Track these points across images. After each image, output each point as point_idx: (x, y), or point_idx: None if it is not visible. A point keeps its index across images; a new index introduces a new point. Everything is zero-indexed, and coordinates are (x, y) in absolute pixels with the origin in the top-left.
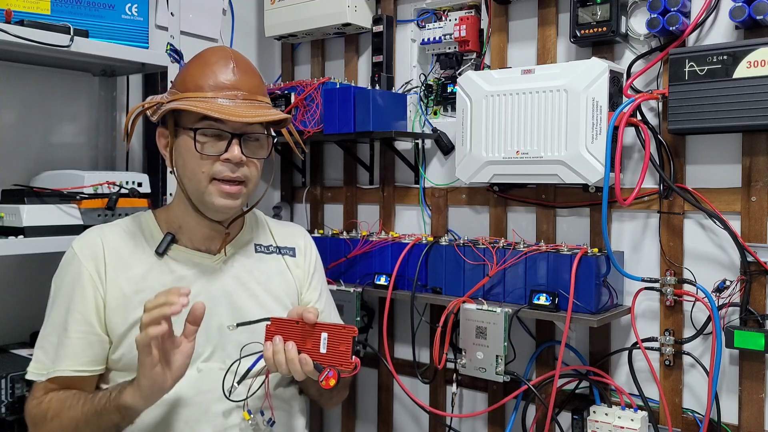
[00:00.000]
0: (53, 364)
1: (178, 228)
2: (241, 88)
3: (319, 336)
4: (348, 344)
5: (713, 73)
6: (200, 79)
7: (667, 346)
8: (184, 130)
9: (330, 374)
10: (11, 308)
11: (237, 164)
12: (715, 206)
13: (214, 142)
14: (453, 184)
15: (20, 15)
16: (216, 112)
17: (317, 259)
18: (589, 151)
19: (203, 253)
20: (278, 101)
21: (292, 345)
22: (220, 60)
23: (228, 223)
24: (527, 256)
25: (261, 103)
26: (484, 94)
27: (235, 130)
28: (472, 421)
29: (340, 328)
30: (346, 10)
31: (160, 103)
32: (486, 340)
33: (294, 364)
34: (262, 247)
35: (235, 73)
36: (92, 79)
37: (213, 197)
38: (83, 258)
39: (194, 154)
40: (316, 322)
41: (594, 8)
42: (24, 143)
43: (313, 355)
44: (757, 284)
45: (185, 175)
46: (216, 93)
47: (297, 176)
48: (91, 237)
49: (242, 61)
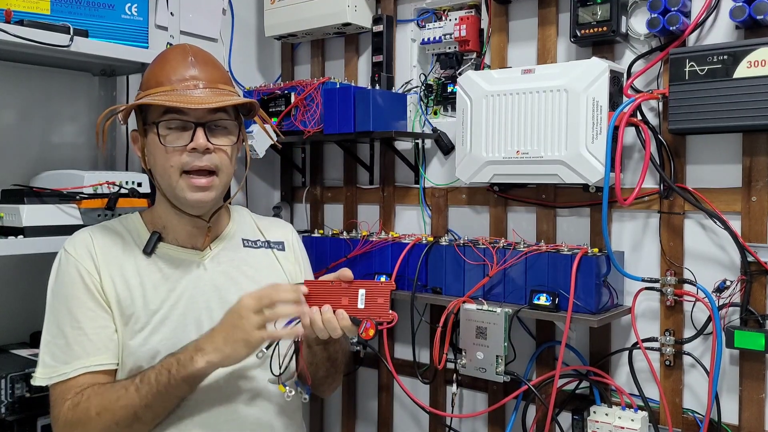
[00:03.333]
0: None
1: (163, 227)
2: (202, 78)
3: (356, 292)
4: (386, 297)
5: (713, 73)
6: (160, 75)
7: (668, 346)
8: (150, 127)
9: (368, 325)
10: (11, 308)
11: (204, 153)
12: (715, 206)
13: (179, 134)
14: (453, 184)
15: (20, 15)
16: (175, 102)
17: (304, 253)
18: (590, 151)
19: (190, 250)
20: (278, 101)
21: (328, 306)
22: (177, 55)
23: (209, 217)
24: (527, 256)
25: (223, 90)
26: (484, 94)
27: (198, 119)
28: (472, 422)
29: (377, 283)
30: (346, 10)
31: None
32: (486, 340)
33: (331, 323)
34: (249, 241)
35: (193, 65)
36: (92, 79)
37: (184, 192)
38: (77, 256)
39: (161, 149)
40: (353, 280)
41: (594, 8)
42: (24, 143)
43: (350, 311)
44: (757, 284)
45: (157, 173)
46: (174, 85)
47: (297, 176)
48: (81, 237)
49: (201, 54)
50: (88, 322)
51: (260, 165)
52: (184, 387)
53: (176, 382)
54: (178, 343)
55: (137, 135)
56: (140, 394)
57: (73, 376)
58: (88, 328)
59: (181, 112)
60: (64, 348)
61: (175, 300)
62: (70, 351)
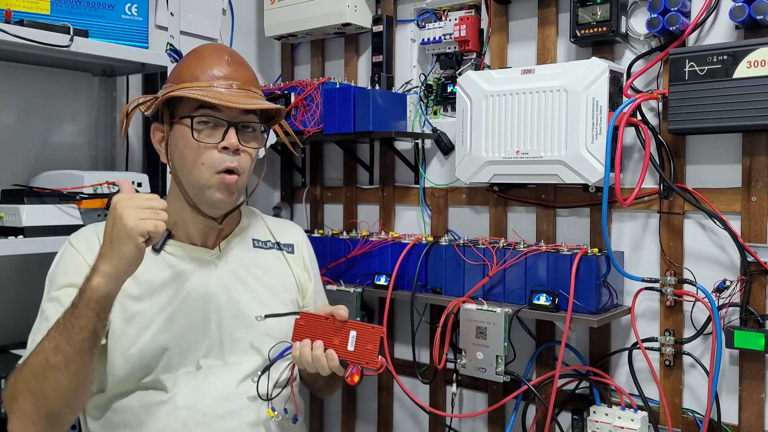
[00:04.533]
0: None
1: (174, 224)
2: (236, 78)
3: (348, 333)
4: (376, 343)
5: (713, 73)
6: (196, 70)
7: (667, 346)
8: (180, 121)
9: (354, 371)
10: (11, 308)
11: (234, 153)
12: (715, 206)
13: (210, 131)
14: (453, 184)
15: (20, 15)
16: (214, 99)
17: (313, 257)
18: (589, 151)
19: (200, 248)
20: (278, 101)
21: (320, 343)
22: (214, 53)
23: (221, 219)
24: (527, 256)
25: (255, 93)
26: (484, 94)
27: (231, 118)
28: (472, 422)
29: (369, 328)
30: (346, 10)
31: (155, 97)
32: (486, 340)
33: (320, 360)
34: (260, 242)
35: (229, 65)
36: (92, 79)
37: (213, 191)
38: (80, 248)
39: (191, 144)
40: (347, 320)
41: (594, 8)
42: (24, 143)
43: (339, 351)
44: (757, 284)
45: (183, 167)
46: (212, 82)
47: (297, 176)
48: (87, 231)
49: (236, 55)
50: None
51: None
52: (89, 315)
53: (79, 312)
54: (186, 342)
55: (161, 128)
56: (48, 338)
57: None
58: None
59: (215, 109)
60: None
61: (183, 298)
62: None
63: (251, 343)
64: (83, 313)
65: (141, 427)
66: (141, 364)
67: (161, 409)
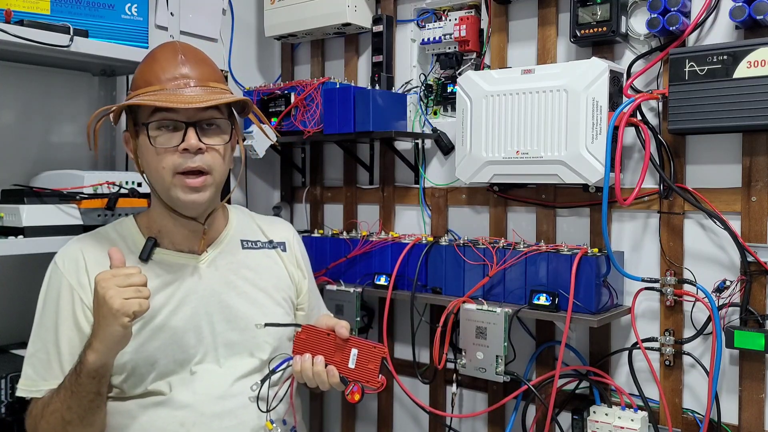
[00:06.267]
0: (45, 381)
1: (158, 232)
2: (192, 76)
3: (350, 351)
4: (377, 362)
5: (713, 73)
6: (148, 74)
7: (667, 346)
8: (141, 128)
9: (355, 389)
10: (11, 308)
11: (196, 153)
12: (715, 206)
13: (170, 134)
14: (453, 184)
15: (20, 15)
16: (163, 102)
17: (305, 254)
18: (589, 151)
19: (187, 254)
20: (278, 101)
21: (321, 359)
22: (167, 53)
23: (204, 219)
24: (527, 256)
25: (215, 89)
26: (484, 94)
27: (188, 118)
28: (472, 422)
29: (371, 346)
30: (346, 10)
31: (112, 109)
32: (486, 340)
33: (321, 376)
34: (249, 242)
35: (183, 63)
36: (92, 79)
37: (177, 192)
38: (65, 271)
39: (151, 150)
40: (349, 337)
41: (594, 8)
42: (24, 143)
43: (340, 368)
44: (757, 284)
45: (150, 174)
46: (164, 84)
47: (297, 176)
48: (71, 250)
49: (191, 51)
50: (65, 343)
51: (260, 165)
52: (91, 383)
53: (81, 380)
54: (178, 350)
55: (129, 136)
56: (60, 398)
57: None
58: (65, 349)
59: (171, 111)
60: (45, 363)
61: (174, 306)
62: (49, 367)
63: (246, 346)
64: (85, 381)
65: (139, 429)
66: (133, 373)
67: (158, 410)
